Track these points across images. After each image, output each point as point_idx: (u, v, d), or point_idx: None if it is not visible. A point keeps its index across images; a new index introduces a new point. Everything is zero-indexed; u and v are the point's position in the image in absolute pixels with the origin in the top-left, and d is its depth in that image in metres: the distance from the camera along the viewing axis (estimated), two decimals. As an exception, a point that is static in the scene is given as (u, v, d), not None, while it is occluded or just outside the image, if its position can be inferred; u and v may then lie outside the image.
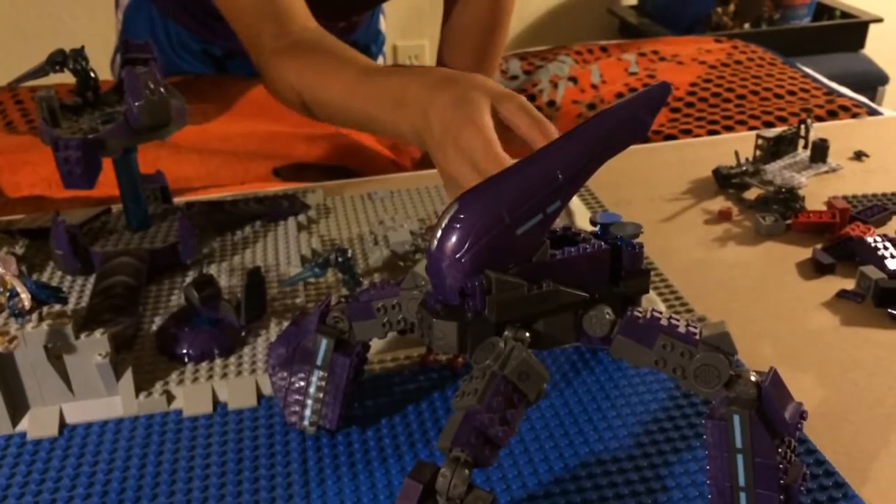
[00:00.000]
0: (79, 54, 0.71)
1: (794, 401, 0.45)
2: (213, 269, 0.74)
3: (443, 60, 1.15)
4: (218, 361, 0.61)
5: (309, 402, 0.54)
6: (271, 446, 0.54)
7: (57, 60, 0.70)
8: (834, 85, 1.25)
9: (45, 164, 1.01)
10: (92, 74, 0.72)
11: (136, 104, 0.66)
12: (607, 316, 0.46)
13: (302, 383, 0.54)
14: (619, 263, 0.48)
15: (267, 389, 0.59)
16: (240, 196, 0.87)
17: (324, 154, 1.17)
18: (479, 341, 0.44)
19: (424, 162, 1.19)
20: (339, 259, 0.67)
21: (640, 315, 0.46)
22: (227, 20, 0.90)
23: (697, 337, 0.45)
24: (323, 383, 0.53)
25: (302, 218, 0.83)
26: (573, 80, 1.32)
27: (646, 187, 0.89)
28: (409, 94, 0.67)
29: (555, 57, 1.39)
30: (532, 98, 1.29)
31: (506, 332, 0.45)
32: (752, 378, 0.44)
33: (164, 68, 0.71)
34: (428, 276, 0.46)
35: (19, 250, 0.75)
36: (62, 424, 0.56)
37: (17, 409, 0.56)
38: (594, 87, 1.30)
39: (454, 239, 0.44)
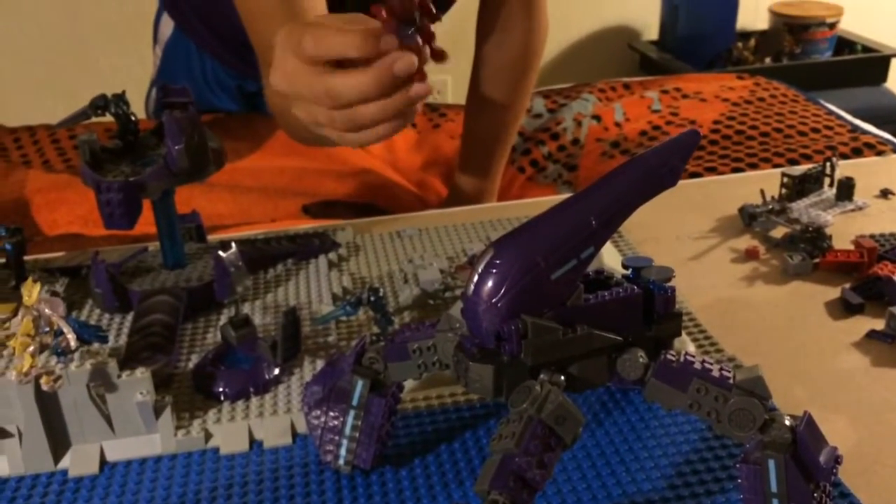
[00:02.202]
0: (120, 99, 0.73)
1: (829, 445, 0.45)
2: (246, 308, 0.75)
3: (475, 97, 1.17)
4: (254, 400, 0.62)
5: (344, 441, 0.55)
6: (307, 485, 0.55)
7: (99, 105, 0.73)
8: (858, 122, 1.26)
9: (81, 203, 1.04)
10: (132, 118, 0.74)
11: (176, 148, 0.68)
12: (641, 359, 0.47)
13: (337, 423, 0.55)
14: (651, 307, 0.49)
15: (302, 428, 0.60)
16: (271, 234, 0.88)
17: (351, 191, 1.19)
18: (514, 384, 0.45)
19: (450, 199, 1.21)
20: (372, 298, 0.68)
21: (673, 358, 0.47)
22: (245, 27, 0.88)
23: (731, 381, 0.45)
24: (358, 423, 0.54)
25: (332, 256, 0.84)
26: (597, 118, 1.34)
27: (672, 225, 0.90)
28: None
29: (578, 94, 1.41)
30: (556, 136, 1.31)
31: (541, 376, 0.45)
32: (787, 422, 0.44)
33: (198, 105, 0.72)
34: (464, 319, 0.47)
35: (59, 288, 0.77)
36: (103, 462, 0.57)
37: (59, 446, 0.57)
38: (618, 125, 1.32)
39: (490, 284, 0.45)
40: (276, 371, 0.64)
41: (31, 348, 0.53)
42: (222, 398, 0.62)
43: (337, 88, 0.56)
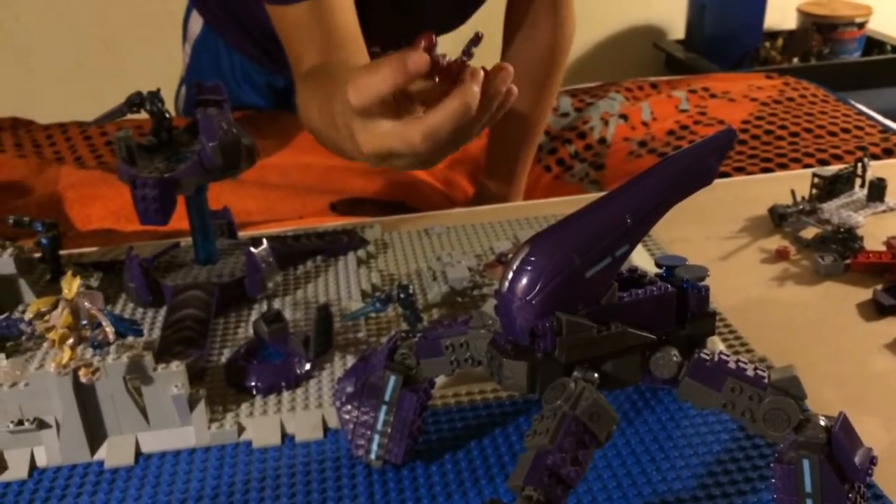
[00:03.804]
0: (155, 96, 0.74)
1: (864, 446, 0.45)
2: (276, 303, 0.76)
3: None
4: (285, 394, 0.63)
5: (376, 436, 0.55)
6: (338, 479, 0.56)
7: (135, 102, 0.74)
8: (889, 122, 1.25)
9: (114, 198, 1.05)
10: (167, 115, 0.75)
11: (211, 145, 0.69)
12: (674, 358, 0.47)
13: (369, 418, 0.55)
14: (685, 305, 0.49)
15: (333, 422, 0.60)
16: (300, 231, 0.89)
17: (378, 189, 1.19)
18: (548, 381, 0.45)
19: (477, 199, 1.21)
20: (402, 295, 0.68)
21: (707, 358, 0.47)
22: (280, 40, 0.88)
23: (766, 380, 0.45)
24: (390, 418, 0.55)
25: (361, 253, 0.85)
26: (624, 117, 1.33)
27: (701, 225, 0.89)
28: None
29: (605, 94, 1.41)
30: (583, 135, 1.31)
31: (575, 373, 0.45)
32: (822, 422, 0.44)
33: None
34: (498, 316, 0.48)
35: (94, 283, 0.78)
36: (138, 453, 0.58)
37: (96, 437, 0.58)
38: (645, 124, 1.31)
39: (525, 281, 0.45)
40: (308, 366, 0.65)
41: (71, 341, 0.54)
42: (254, 392, 0.63)
43: (433, 129, 0.56)
